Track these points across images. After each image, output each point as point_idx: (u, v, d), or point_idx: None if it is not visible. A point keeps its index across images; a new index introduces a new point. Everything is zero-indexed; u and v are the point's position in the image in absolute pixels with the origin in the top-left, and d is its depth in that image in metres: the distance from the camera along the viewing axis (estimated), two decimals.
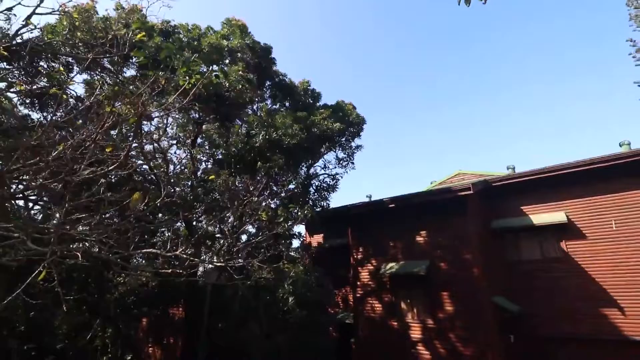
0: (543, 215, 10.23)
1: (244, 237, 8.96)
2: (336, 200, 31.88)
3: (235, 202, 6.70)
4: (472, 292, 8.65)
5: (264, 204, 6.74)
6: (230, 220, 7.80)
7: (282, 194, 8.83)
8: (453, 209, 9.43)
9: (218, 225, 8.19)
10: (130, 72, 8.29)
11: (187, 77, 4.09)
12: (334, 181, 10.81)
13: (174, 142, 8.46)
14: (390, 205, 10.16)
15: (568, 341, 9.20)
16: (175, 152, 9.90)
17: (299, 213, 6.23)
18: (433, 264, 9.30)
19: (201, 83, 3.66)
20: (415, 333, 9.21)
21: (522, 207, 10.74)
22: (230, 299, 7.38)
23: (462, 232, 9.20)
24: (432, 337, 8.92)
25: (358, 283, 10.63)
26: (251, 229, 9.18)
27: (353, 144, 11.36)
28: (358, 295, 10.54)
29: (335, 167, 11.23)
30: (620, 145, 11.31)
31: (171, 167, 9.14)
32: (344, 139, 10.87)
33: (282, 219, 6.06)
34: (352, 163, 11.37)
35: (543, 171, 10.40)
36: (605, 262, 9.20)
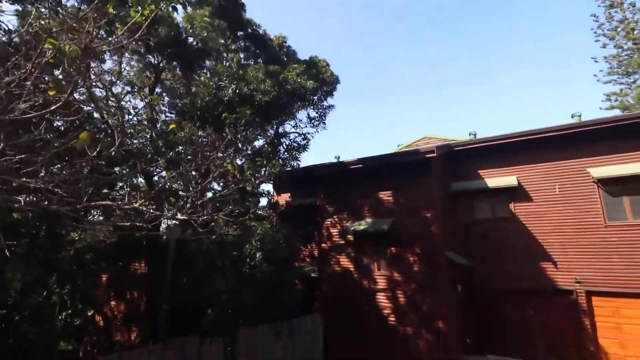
0: (497, 179, 10.96)
1: (209, 194, 8.74)
2: (305, 160, 31.86)
3: (200, 156, 6.39)
4: (429, 248, 9.29)
5: (230, 159, 6.45)
6: (194, 175, 7.49)
7: (250, 152, 8.55)
8: (417, 171, 9.78)
9: (181, 181, 7.84)
10: (72, 2, 7.23)
11: (139, 8, 3.60)
12: (305, 141, 10.64)
13: (130, 88, 7.70)
14: (358, 166, 10.31)
15: (510, 291, 10.38)
16: (131, 101, 9.11)
17: (268, 168, 6.07)
18: (396, 222, 9.78)
19: (155, 15, 3.24)
20: (377, 285, 9.88)
21: (479, 171, 11.40)
22: (194, 254, 7.31)
23: (425, 192, 9.64)
24: (392, 288, 9.62)
25: (324, 240, 11.00)
26: (217, 187, 8.93)
27: (325, 104, 11.10)
28: (324, 251, 10.94)
29: (306, 126, 11.00)
30: (572, 117, 12.10)
31: (127, 117, 8.44)
32: (316, 98, 10.55)
33: (249, 173, 5.88)
34: (324, 123, 11.19)
35: (498, 138, 11.00)
36: (547, 223, 10.20)
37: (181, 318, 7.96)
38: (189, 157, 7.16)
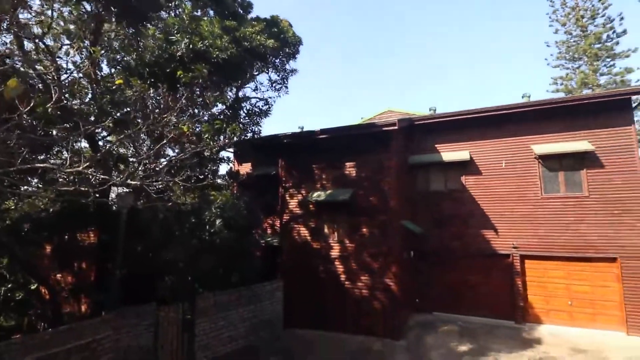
0: (451, 154, 11.55)
1: (164, 161, 8.25)
2: (268, 130, 31.15)
3: (152, 118, 5.93)
4: (386, 217, 9.71)
5: (186, 122, 6.02)
6: (145, 139, 6.99)
7: (208, 116, 8.07)
8: (379, 143, 9.97)
9: (131, 145, 7.27)
10: None
11: None
12: (267, 106, 10.25)
13: (65, 38, 6.76)
14: (321, 137, 10.27)
15: (457, 255, 11.32)
16: (69, 57, 8.08)
17: (228, 133, 5.76)
18: (356, 192, 10.03)
19: None
20: (335, 252, 10.23)
21: (436, 145, 11.92)
22: (149, 222, 6.99)
23: (385, 164, 9.91)
24: (349, 255, 10.03)
25: (286, 210, 11.04)
26: (171, 152, 8.43)
27: (288, 67, 10.64)
28: (285, 220, 11.02)
29: (268, 90, 10.55)
30: (522, 97, 12.85)
31: (65, 73, 7.51)
32: (278, 60, 10.08)
33: (207, 137, 5.55)
34: (286, 87, 10.79)
35: (454, 114, 11.51)
36: (493, 194, 11.07)
37: (136, 287, 7.72)
38: (138, 119, 6.62)
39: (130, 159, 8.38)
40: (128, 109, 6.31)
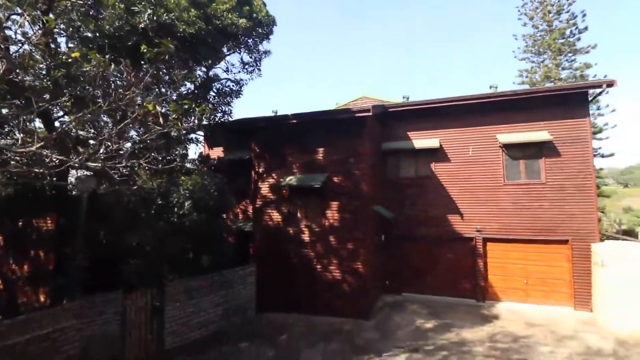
0: (422, 141, 11.85)
1: (128, 144, 7.80)
2: (240, 114, 30.41)
3: (114, 95, 5.56)
4: (359, 202, 9.87)
5: (152, 100, 5.66)
6: (106, 119, 6.54)
7: (175, 96, 7.66)
8: (353, 129, 10.02)
9: (91, 125, 6.80)
10: None
11: None
12: (238, 86, 9.89)
13: (15, 6, 6.06)
14: (294, 121, 10.16)
15: (425, 239, 11.78)
16: (19, 27, 7.32)
17: (197, 113, 5.48)
18: (329, 177, 10.09)
19: None
20: (308, 237, 10.32)
21: (408, 132, 12.17)
22: (112, 206, 6.65)
23: (358, 150, 10.00)
24: (322, 239, 10.15)
25: (259, 195, 10.92)
26: (135, 134, 7.96)
27: (261, 48, 10.30)
28: (258, 205, 10.92)
29: (240, 72, 10.18)
30: (490, 88, 13.32)
31: (14, 46, 6.81)
32: (250, 41, 9.73)
33: (175, 117, 5.27)
34: (259, 69, 10.48)
35: (426, 102, 11.77)
36: (459, 181, 11.53)
37: (100, 273, 7.40)
38: (99, 97, 6.18)
39: (91, 141, 7.85)
40: (87, 86, 5.86)
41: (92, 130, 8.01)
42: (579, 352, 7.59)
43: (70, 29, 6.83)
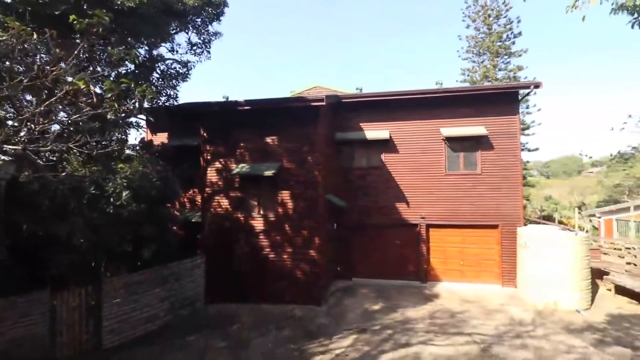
0: (373, 132, 12.27)
1: (56, 127, 6.96)
2: (187, 98, 28.68)
3: (37, 70, 4.92)
4: (313, 191, 9.97)
5: (84, 77, 5.04)
6: (29, 98, 5.76)
7: (112, 75, 6.96)
8: (307, 118, 10.02)
9: (9, 104, 5.93)
10: None
11: None
12: (185, 69, 9.28)
13: None
14: (247, 108, 9.88)
15: (374, 225, 12.30)
16: None
17: (137, 93, 4.99)
18: (282, 166, 10.03)
19: None
20: (260, 226, 10.21)
21: (360, 124, 12.50)
22: (36, 194, 5.92)
23: (312, 139, 10.04)
24: (274, 229, 10.11)
25: (208, 183, 10.50)
26: (64, 116, 7.14)
27: (211, 29, 9.74)
28: (207, 195, 10.51)
29: (187, 53, 9.54)
30: (436, 84, 14.10)
31: None
32: (199, 20, 9.16)
33: (111, 96, 4.76)
34: (209, 52, 9.91)
35: (378, 95, 12.17)
36: (407, 171, 12.18)
37: (25, 268, 6.61)
38: (20, 72, 5.41)
39: (9, 122, 6.87)
40: (2, 58, 5.09)
41: (12, 110, 7.03)
42: (504, 323, 8.58)
43: None
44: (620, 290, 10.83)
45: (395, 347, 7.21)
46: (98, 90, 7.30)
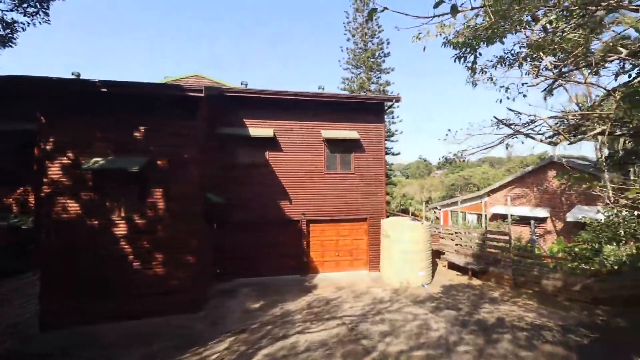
0: (258, 129, 12.18)
1: None
2: (26, 71, 22.43)
3: None
4: (188, 189, 9.16)
5: None
6: None
7: None
8: (183, 109, 9.15)
9: None
10: None
11: None
12: (9, 30, 7.09)
13: None
14: (105, 90, 8.35)
15: (258, 223, 12.20)
16: None
17: None
18: (152, 161, 8.89)
19: None
20: (123, 231, 8.79)
21: (244, 120, 12.23)
22: None
23: (189, 132, 9.22)
24: (142, 232, 8.86)
25: (46, 180, 8.41)
26: None
27: None
28: (47, 194, 8.42)
29: (12, 10, 7.30)
30: (319, 88, 15.00)
31: None
32: None
33: None
34: (46, 14, 7.83)
35: (260, 92, 12.16)
36: (290, 169, 12.54)
37: None
38: None
39: None
40: None
41: None
42: (369, 302, 9.80)
43: None
44: (451, 265, 13.84)
45: (273, 341, 7.33)
46: None
